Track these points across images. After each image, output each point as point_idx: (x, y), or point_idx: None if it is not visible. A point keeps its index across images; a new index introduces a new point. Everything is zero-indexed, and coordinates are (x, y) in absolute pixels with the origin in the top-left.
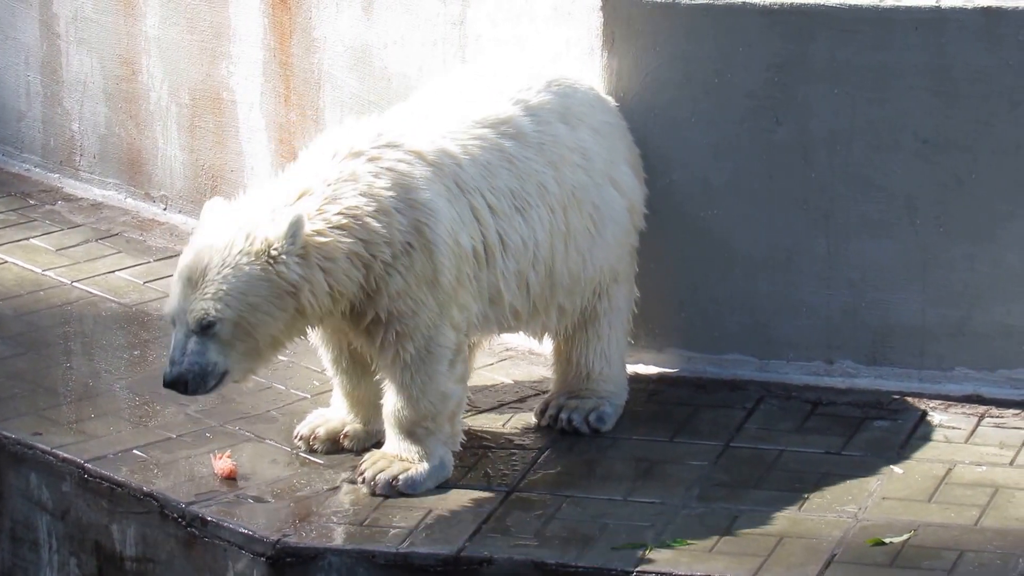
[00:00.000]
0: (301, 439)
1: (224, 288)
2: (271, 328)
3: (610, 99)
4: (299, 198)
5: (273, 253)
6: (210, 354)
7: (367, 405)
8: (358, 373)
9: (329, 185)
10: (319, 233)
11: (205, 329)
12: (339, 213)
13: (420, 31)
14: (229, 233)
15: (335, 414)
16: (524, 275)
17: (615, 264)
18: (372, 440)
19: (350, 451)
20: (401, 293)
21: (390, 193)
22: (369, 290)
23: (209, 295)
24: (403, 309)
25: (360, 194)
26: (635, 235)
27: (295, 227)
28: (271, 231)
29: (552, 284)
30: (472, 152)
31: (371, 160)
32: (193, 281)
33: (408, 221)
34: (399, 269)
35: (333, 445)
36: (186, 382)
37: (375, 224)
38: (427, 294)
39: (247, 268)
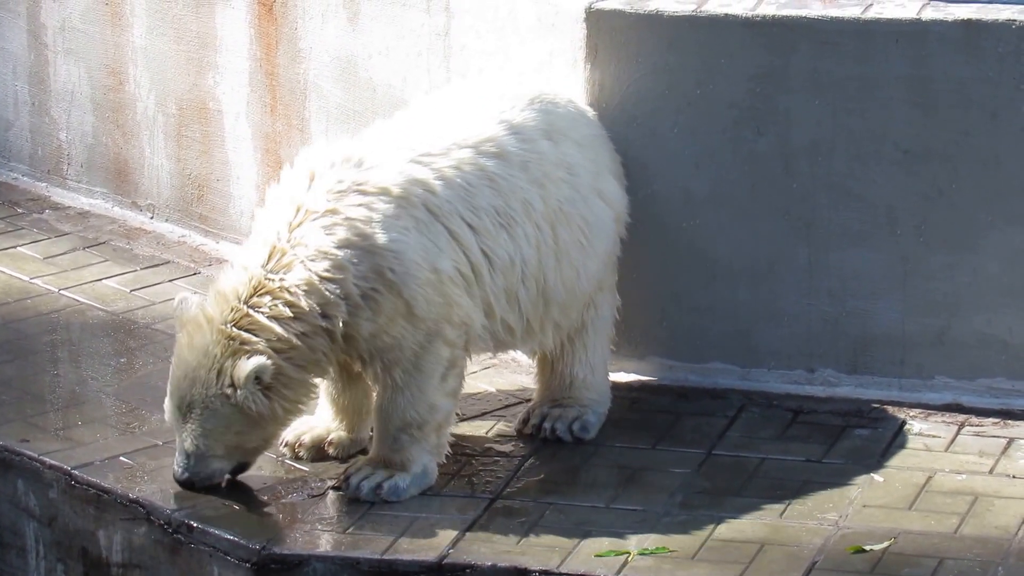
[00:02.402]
0: (286, 446)
1: (206, 428)
2: (258, 439)
3: (590, 111)
4: (251, 297)
5: (241, 396)
6: (213, 464)
7: (352, 413)
8: (343, 382)
9: (281, 270)
10: (278, 340)
11: (200, 453)
12: (291, 302)
13: (405, 42)
14: (204, 366)
15: (320, 421)
16: (513, 291)
17: (604, 275)
18: (357, 448)
19: (335, 458)
20: (376, 334)
21: (342, 248)
22: (340, 344)
23: (196, 435)
24: (382, 345)
25: (310, 261)
26: (618, 244)
27: (258, 373)
28: (236, 374)
29: (546, 301)
30: (447, 175)
31: (327, 213)
32: (182, 411)
33: (367, 267)
34: (364, 317)
35: (318, 452)
36: (193, 484)
37: (328, 288)
38: (405, 326)
39: (221, 409)
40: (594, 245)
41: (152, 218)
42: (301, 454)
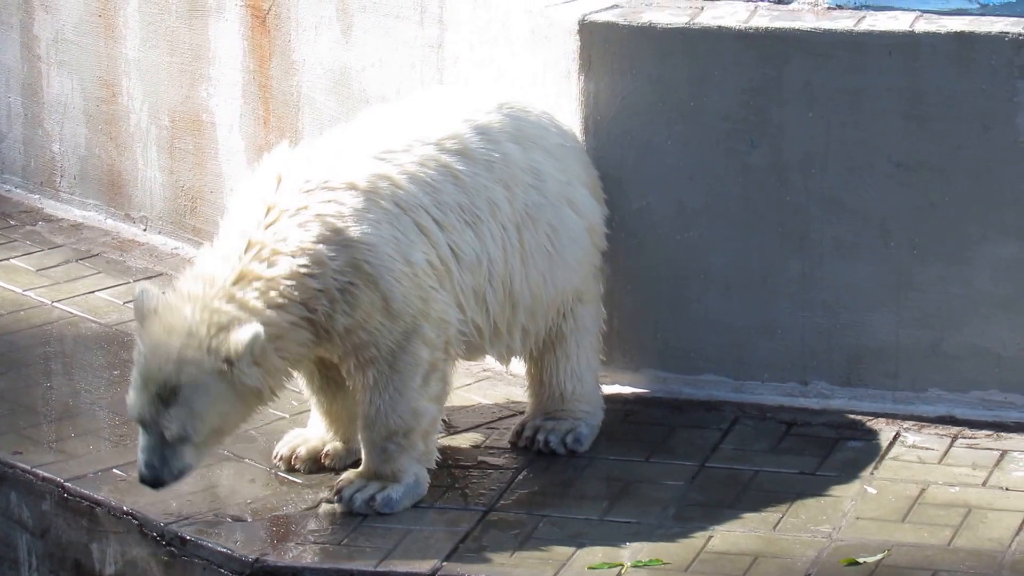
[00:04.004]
0: (281, 459)
1: (196, 408)
2: (237, 421)
3: (564, 124)
4: (236, 283)
5: (236, 370)
6: (186, 458)
7: (345, 422)
8: (332, 391)
9: (264, 262)
10: (268, 324)
11: (183, 439)
12: (279, 291)
13: (398, 54)
14: (191, 346)
15: (314, 433)
16: (481, 291)
17: (578, 285)
18: (353, 458)
19: (331, 469)
20: (351, 329)
21: (319, 243)
22: (322, 336)
23: (184, 415)
24: (358, 342)
25: (292, 256)
26: (597, 255)
27: (253, 345)
28: (231, 346)
29: (513, 304)
30: (410, 170)
31: (299, 211)
32: (163, 397)
33: (344, 262)
34: (341, 311)
35: (314, 464)
36: (164, 483)
37: (310, 283)
38: (382, 321)
39: (214, 385)
40: (562, 253)
41: (145, 230)
42: (297, 466)
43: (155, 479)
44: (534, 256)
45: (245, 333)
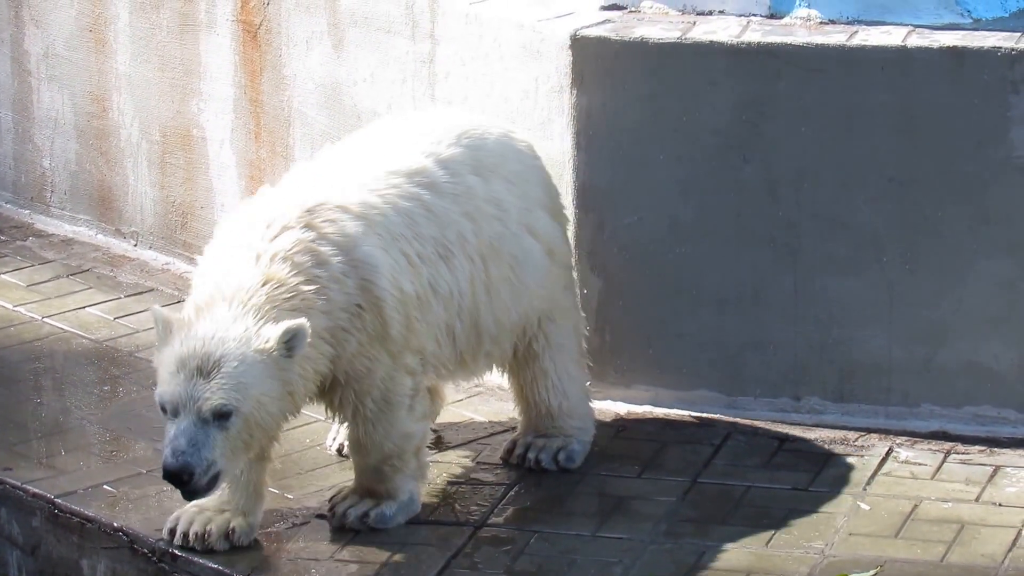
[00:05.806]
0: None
1: (242, 381)
2: (269, 429)
3: (522, 142)
4: (264, 285)
5: (276, 355)
6: (216, 449)
7: (253, 493)
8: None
9: (286, 262)
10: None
11: (219, 419)
12: (308, 294)
13: (390, 69)
14: (237, 327)
15: (214, 504)
16: (452, 324)
17: (542, 306)
18: (255, 533)
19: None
20: (357, 354)
21: (337, 258)
22: (336, 353)
23: (228, 386)
24: (359, 368)
25: (315, 266)
26: (564, 272)
27: (291, 335)
28: (276, 333)
29: (478, 335)
30: (392, 201)
31: (307, 227)
32: (204, 371)
33: (355, 282)
34: (353, 332)
35: (225, 541)
36: (192, 473)
37: (333, 294)
38: (379, 349)
39: (261, 365)
40: (523, 281)
41: (136, 245)
42: (210, 545)
43: (183, 466)
44: (498, 288)
45: (284, 324)
